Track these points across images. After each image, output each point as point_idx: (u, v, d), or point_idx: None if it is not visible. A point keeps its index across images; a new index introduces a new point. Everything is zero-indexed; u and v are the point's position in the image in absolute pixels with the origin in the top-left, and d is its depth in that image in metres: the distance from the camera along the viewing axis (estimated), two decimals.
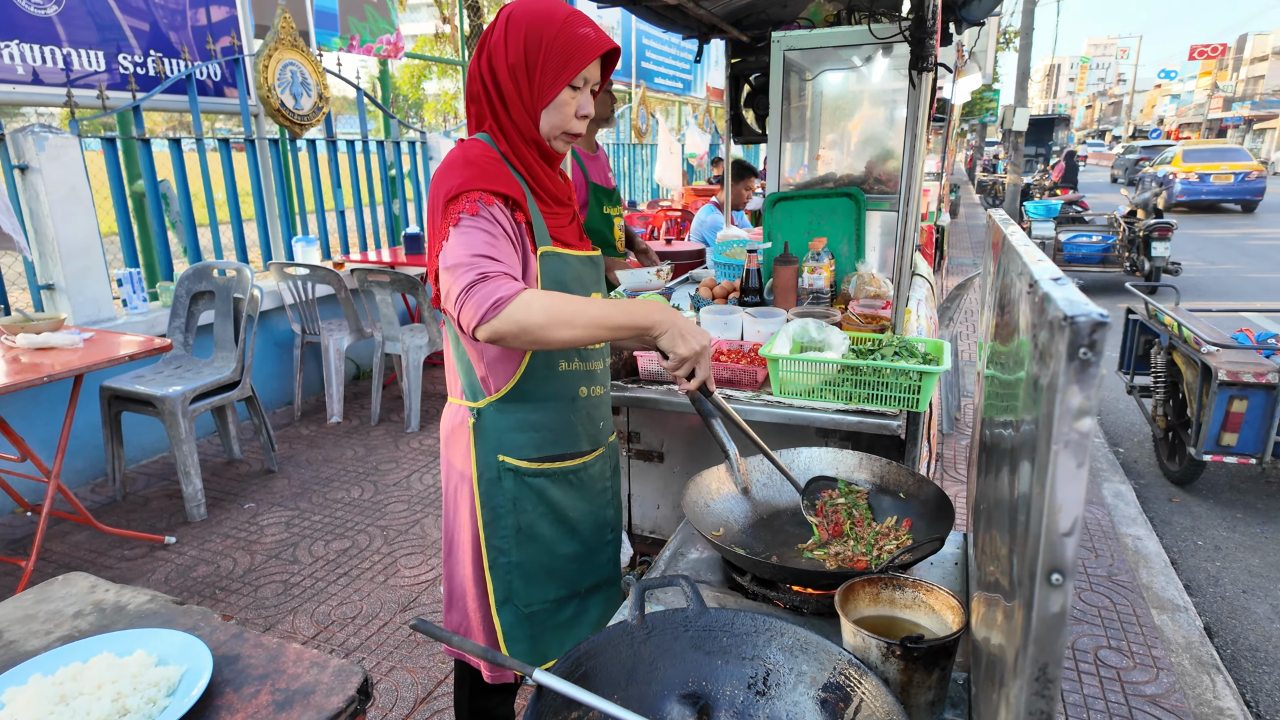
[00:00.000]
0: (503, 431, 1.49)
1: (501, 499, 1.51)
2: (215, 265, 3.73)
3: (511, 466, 1.50)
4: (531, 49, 1.33)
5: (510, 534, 1.52)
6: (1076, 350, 0.50)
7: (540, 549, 1.54)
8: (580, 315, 1.25)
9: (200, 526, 3.36)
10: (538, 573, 1.55)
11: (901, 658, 1.03)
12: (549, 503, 1.54)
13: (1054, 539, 0.53)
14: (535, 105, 1.36)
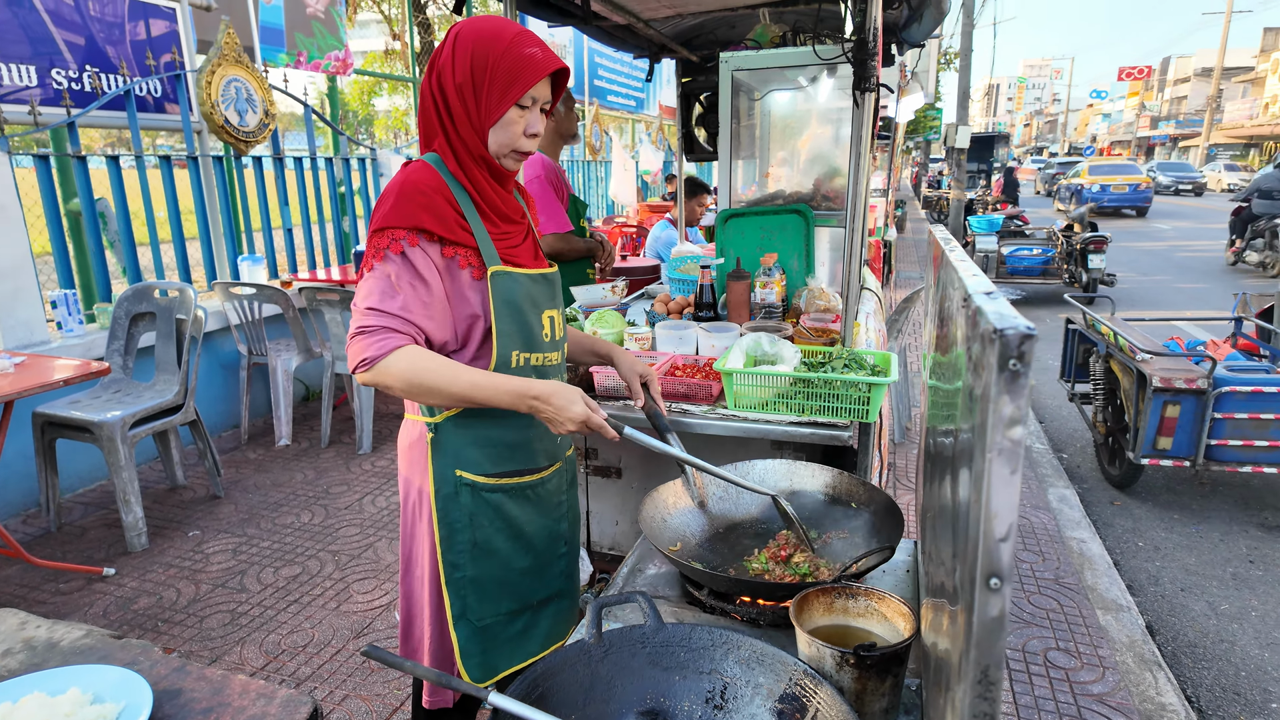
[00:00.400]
0: (460, 447, 1.49)
1: (458, 514, 1.50)
2: (156, 285, 3.62)
3: (469, 482, 1.49)
4: (478, 68, 1.34)
5: (466, 549, 1.51)
6: (1006, 361, 0.52)
7: (496, 563, 1.54)
8: (447, 387, 1.32)
9: (141, 556, 3.23)
10: (492, 586, 1.55)
11: (855, 666, 1.04)
12: (505, 518, 1.54)
13: (991, 544, 0.55)
14: (483, 124, 1.37)
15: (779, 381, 1.91)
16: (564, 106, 3.00)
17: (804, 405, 1.90)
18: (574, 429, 1.37)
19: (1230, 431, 3.68)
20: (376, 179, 6.18)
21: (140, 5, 4.64)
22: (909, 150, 28.91)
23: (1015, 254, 9.64)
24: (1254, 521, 3.86)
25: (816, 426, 1.86)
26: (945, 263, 0.96)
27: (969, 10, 15.31)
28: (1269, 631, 2.98)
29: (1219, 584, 3.31)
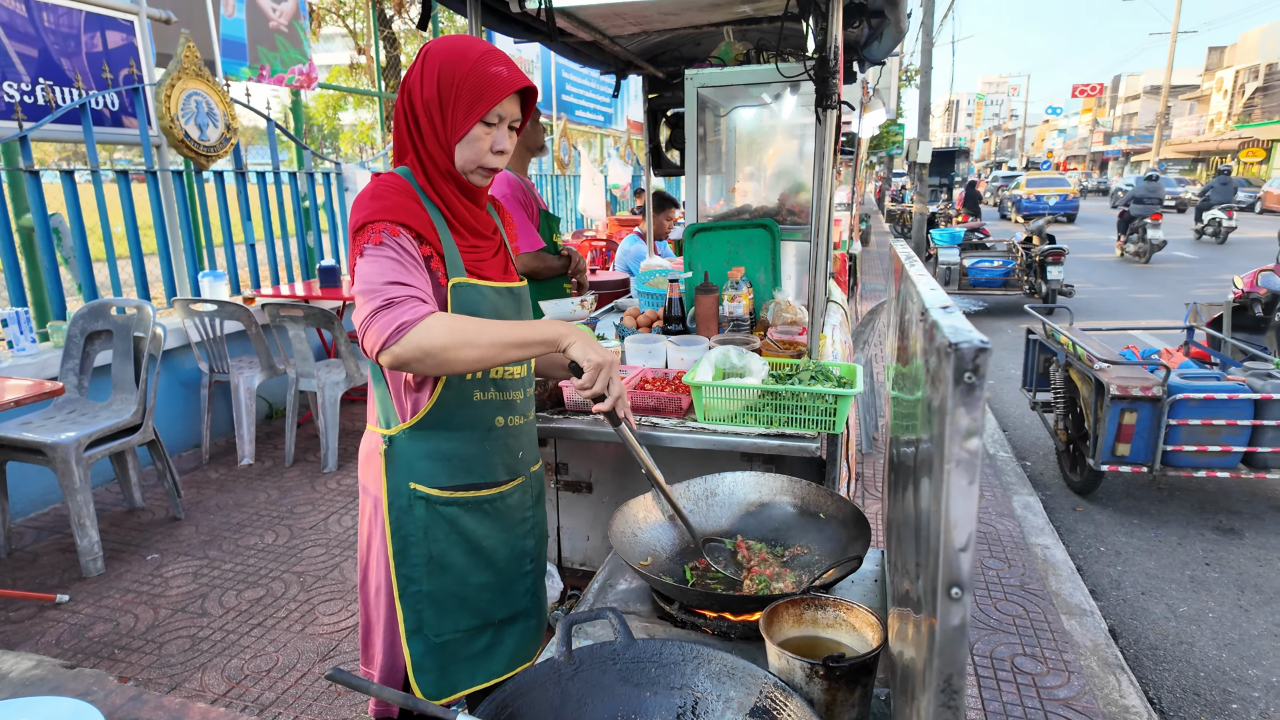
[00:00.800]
0: (414, 459, 1.48)
1: (412, 527, 1.49)
2: (113, 302, 3.53)
3: (423, 494, 1.48)
4: (445, 85, 1.36)
5: (421, 563, 1.50)
6: (962, 374, 0.53)
7: (452, 578, 1.52)
8: (483, 334, 1.28)
9: (97, 582, 3.13)
10: (449, 602, 1.53)
11: (825, 677, 1.05)
12: (461, 532, 1.52)
13: (951, 554, 0.56)
14: (449, 140, 1.39)
15: (747, 394, 1.93)
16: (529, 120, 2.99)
17: (772, 417, 1.92)
18: (602, 360, 1.35)
19: (1185, 437, 3.78)
20: (341, 193, 6.12)
21: (96, 17, 4.56)
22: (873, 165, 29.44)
23: (977, 266, 9.85)
24: (1209, 525, 3.96)
25: (785, 438, 1.87)
26: (905, 277, 0.98)
27: (928, 29, 15.68)
28: (1225, 632, 3.06)
29: (1178, 587, 3.40)
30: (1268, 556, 3.62)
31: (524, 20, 2.81)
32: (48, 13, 4.28)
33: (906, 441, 0.93)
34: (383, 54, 10.37)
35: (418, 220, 1.38)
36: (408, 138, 1.43)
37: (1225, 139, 37.27)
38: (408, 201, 1.38)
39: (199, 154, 4.59)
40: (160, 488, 4.03)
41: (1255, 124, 34.74)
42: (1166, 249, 15.32)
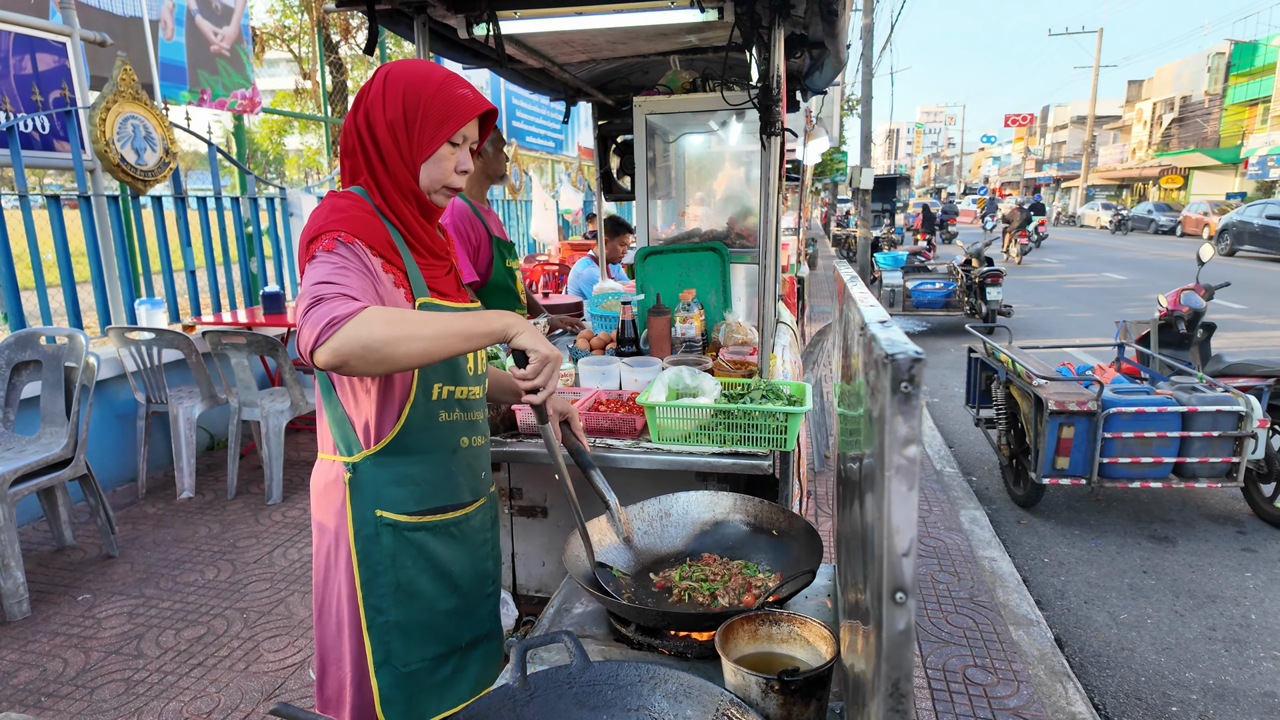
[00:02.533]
0: (380, 486, 1.44)
1: (379, 556, 1.45)
2: (42, 332, 3.39)
3: (390, 521, 1.45)
4: (410, 105, 1.37)
5: (389, 592, 1.46)
6: (899, 384, 0.55)
7: (420, 606, 1.49)
8: (427, 326, 1.20)
9: (22, 625, 2.96)
10: (417, 630, 1.50)
11: (780, 692, 1.05)
12: (429, 557, 1.49)
13: (895, 559, 0.57)
14: (415, 159, 1.40)
15: (700, 413, 1.94)
16: (492, 147, 2.97)
17: (725, 436, 1.94)
18: (550, 353, 1.30)
19: (1119, 450, 3.94)
20: (286, 219, 6.00)
21: (26, 39, 4.42)
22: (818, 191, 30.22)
23: (919, 288, 10.14)
24: (1145, 534, 4.12)
25: (738, 456, 1.89)
26: (847, 296, 1.01)
27: (868, 60, 16.24)
28: (1163, 637, 3.17)
29: (1118, 594, 3.51)
30: (1199, 563, 3.77)
31: (472, 47, 2.82)
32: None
33: (852, 456, 0.95)
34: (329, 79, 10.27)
35: (377, 237, 1.37)
36: (363, 159, 1.42)
37: (1146, 166, 39.32)
38: (366, 217, 1.37)
39: (136, 179, 4.46)
40: (93, 524, 3.85)
41: (1173, 152, 36.76)
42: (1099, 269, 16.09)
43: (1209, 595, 3.47)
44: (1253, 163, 29.00)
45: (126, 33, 5.86)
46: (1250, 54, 30.96)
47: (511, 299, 3.04)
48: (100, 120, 4.23)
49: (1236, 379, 4.32)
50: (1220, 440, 3.88)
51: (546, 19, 2.23)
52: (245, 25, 7.61)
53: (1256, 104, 30.22)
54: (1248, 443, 3.85)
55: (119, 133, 4.35)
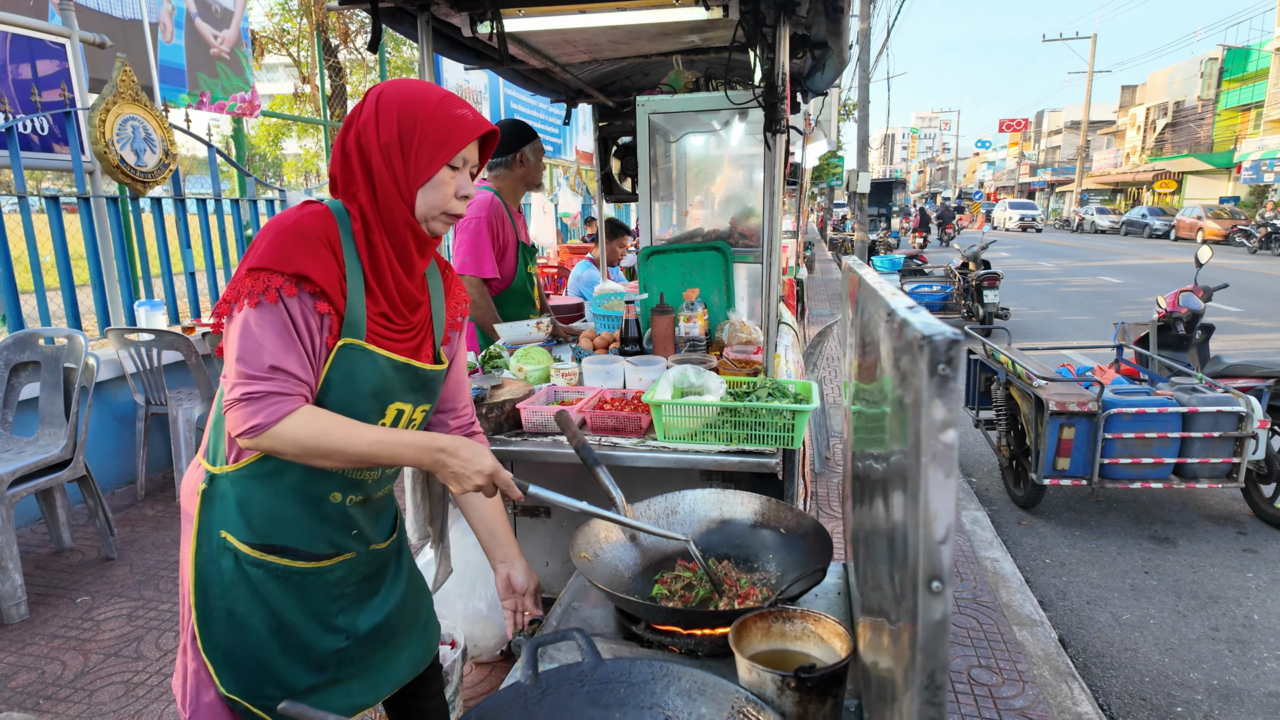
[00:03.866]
0: (230, 506, 1.33)
1: (216, 577, 1.34)
2: (41, 332, 3.37)
3: (230, 546, 1.33)
4: (406, 128, 1.27)
5: (222, 618, 1.35)
6: (936, 366, 0.54)
7: (252, 643, 1.37)
8: (348, 446, 1.22)
9: (20, 628, 2.94)
10: (247, 665, 1.37)
11: (796, 689, 1.04)
12: (264, 598, 1.36)
13: (931, 547, 0.56)
14: (411, 184, 1.28)
15: (707, 411, 1.93)
16: (534, 156, 2.98)
17: (731, 434, 1.93)
18: (482, 483, 1.32)
19: (1120, 450, 3.94)
20: None
21: (25, 40, 4.41)
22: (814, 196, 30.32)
23: (916, 291, 10.16)
24: (1145, 535, 4.11)
25: (744, 454, 1.89)
26: (863, 286, 1.00)
27: (864, 65, 16.30)
28: (1166, 638, 3.16)
29: (1120, 595, 3.51)
30: (1200, 564, 3.77)
31: (474, 47, 2.82)
32: None
33: (872, 454, 0.94)
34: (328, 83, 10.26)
35: (323, 273, 1.23)
36: (353, 181, 1.30)
37: (1140, 171, 39.49)
38: (319, 250, 1.24)
39: (135, 180, 4.44)
40: (91, 527, 3.82)
41: (1166, 157, 36.94)
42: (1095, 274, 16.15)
43: (1211, 596, 3.47)
44: (1246, 167, 29.15)
45: (125, 35, 5.85)
46: (1243, 59, 31.14)
47: (528, 305, 3.03)
48: (100, 121, 4.21)
49: (1236, 380, 4.32)
50: (1221, 441, 3.88)
51: (551, 17, 2.22)
52: (244, 28, 7.61)
53: (1249, 109, 30.39)
54: (1248, 443, 3.85)
55: (119, 134, 4.33)
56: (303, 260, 1.21)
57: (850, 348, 1.35)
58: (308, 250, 1.22)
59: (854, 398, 1.21)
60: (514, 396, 2.12)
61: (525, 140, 2.94)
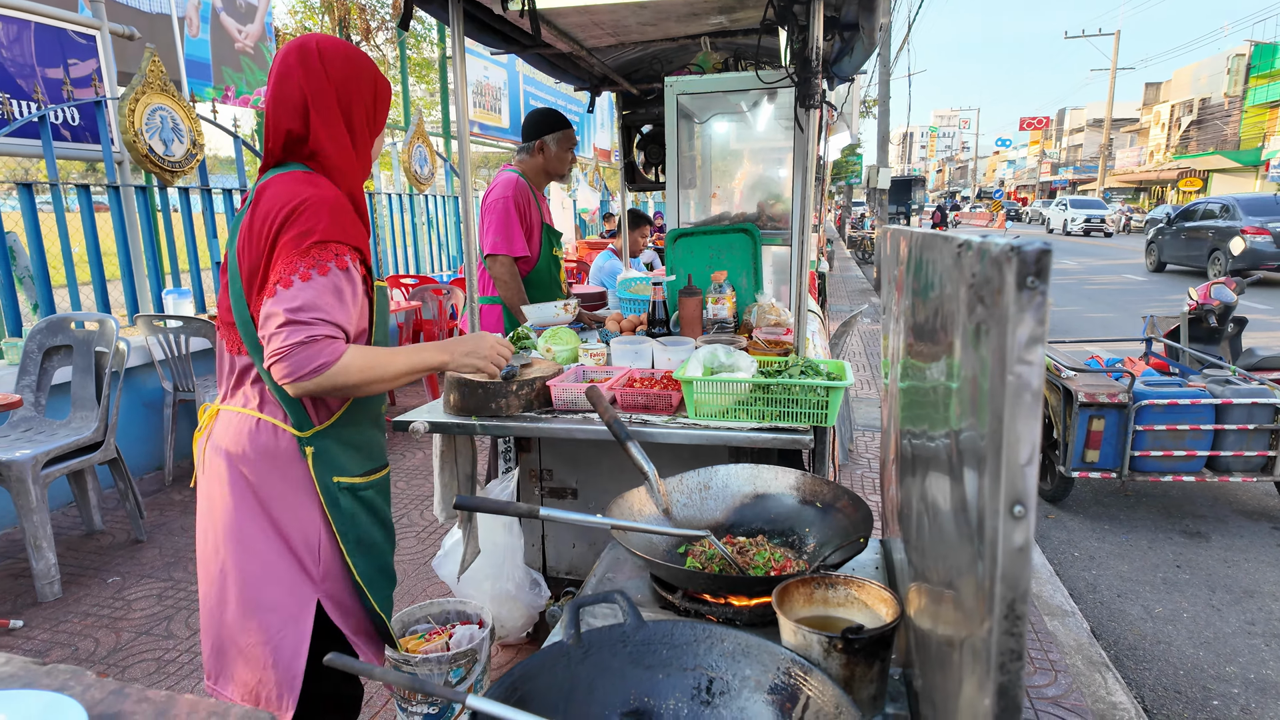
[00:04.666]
0: (334, 454, 1.55)
1: (339, 517, 1.55)
2: (74, 317, 3.41)
3: (346, 485, 1.57)
4: (380, 84, 1.57)
5: (354, 548, 1.58)
6: (1025, 279, 0.52)
7: (376, 554, 1.63)
8: (389, 369, 1.45)
9: (54, 606, 2.97)
10: (378, 578, 1.64)
11: (843, 651, 1.02)
12: (375, 512, 1.64)
13: (1014, 469, 0.55)
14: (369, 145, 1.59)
15: (739, 388, 1.92)
16: (555, 145, 3.06)
17: (764, 411, 1.91)
18: (497, 359, 1.66)
19: (1151, 443, 3.87)
20: None
21: (55, 31, 4.47)
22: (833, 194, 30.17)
23: None
24: (1177, 529, 4.04)
25: (778, 431, 1.87)
26: (917, 238, 0.98)
27: (885, 60, 16.18)
28: (1200, 631, 3.10)
29: (1151, 589, 3.44)
30: (1234, 558, 3.70)
31: (502, 29, 2.82)
32: (4, 26, 4.19)
33: (922, 431, 0.92)
34: None
35: (361, 238, 1.48)
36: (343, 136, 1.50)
37: (1164, 169, 38.90)
38: (355, 219, 1.47)
39: (164, 169, 4.49)
40: (120, 510, 3.86)
41: (1191, 155, 36.36)
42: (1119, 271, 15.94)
43: (1245, 590, 3.40)
44: (1274, 165, 28.64)
45: (153, 29, 5.92)
46: (1271, 55, 30.58)
47: (555, 288, 3.06)
48: (129, 111, 4.26)
49: (1271, 372, 4.24)
50: (1256, 434, 3.80)
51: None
52: (268, 24, 7.68)
53: (1277, 106, 29.85)
54: None
55: (148, 123, 4.37)
56: (355, 233, 1.45)
57: (896, 320, 1.32)
58: (351, 220, 1.45)
59: (902, 375, 1.19)
60: (544, 374, 2.11)
61: (547, 129, 3.07)
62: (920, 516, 0.94)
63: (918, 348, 1.00)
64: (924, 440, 0.93)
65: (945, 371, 0.79)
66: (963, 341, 0.69)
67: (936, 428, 0.85)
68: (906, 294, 1.15)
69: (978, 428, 0.62)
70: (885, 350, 1.47)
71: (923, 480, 0.93)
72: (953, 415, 0.76)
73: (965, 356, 0.69)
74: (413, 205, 7.48)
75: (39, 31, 4.37)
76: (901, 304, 1.15)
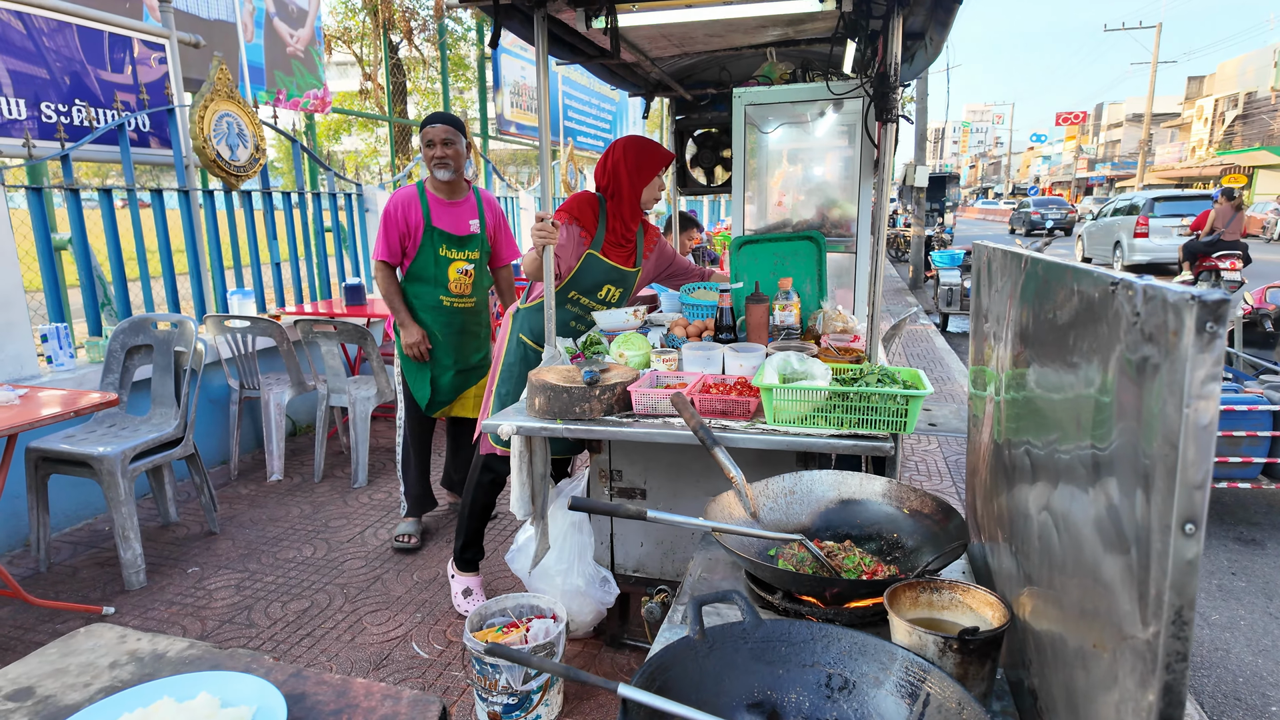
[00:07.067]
0: (522, 322, 2.87)
1: (513, 357, 2.86)
2: (154, 317, 3.56)
3: (522, 342, 2.86)
4: (633, 159, 2.83)
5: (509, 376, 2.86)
6: (1204, 324, 0.58)
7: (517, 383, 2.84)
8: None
9: (140, 594, 3.13)
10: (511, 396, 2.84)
11: (959, 651, 1.09)
12: (530, 361, 2.83)
13: (1188, 491, 0.61)
14: (636, 187, 2.85)
15: (817, 395, 1.98)
16: (424, 147, 3.29)
17: (842, 419, 1.97)
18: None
19: None
20: (363, 214, 6.18)
21: (127, 40, 4.64)
22: None
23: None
24: (1231, 536, 4.02)
25: (858, 438, 1.93)
26: (1045, 267, 1.03)
27: None
28: (1258, 639, 3.10)
29: (1207, 596, 3.44)
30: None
31: (570, 41, 2.90)
32: (83, 36, 4.36)
33: (1047, 443, 0.98)
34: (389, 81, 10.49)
35: (588, 219, 2.83)
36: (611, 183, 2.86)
37: (1207, 165, 37.99)
38: (586, 209, 2.84)
39: (230, 174, 4.65)
40: (193, 503, 4.03)
41: (1235, 151, 35.45)
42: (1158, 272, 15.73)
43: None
44: None
45: (210, 35, 6.10)
46: None
47: (438, 286, 3.37)
48: (199, 118, 4.41)
49: None
50: None
51: (662, 11, 2.28)
52: (318, 27, 7.86)
53: None
54: None
55: (215, 130, 4.53)
56: (581, 211, 2.77)
57: (1009, 334, 1.32)
58: (586, 208, 2.79)
59: (1009, 386, 1.24)
60: (624, 380, 2.19)
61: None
62: (1043, 526, 1.00)
63: (1037, 363, 1.06)
64: (1049, 452, 0.99)
65: (1088, 387, 0.85)
66: (1118, 371, 0.75)
67: (1069, 440, 0.91)
68: (1016, 309, 1.21)
69: (1138, 452, 0.69)
70: (983, 360, 1.50)
71: (1047, 490, 0.98)
72: (1094, 430, 0.81)
73: (1121, 385, 0.75)
74: None
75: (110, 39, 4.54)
76: (1010, 319, 1.20)
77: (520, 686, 2.25)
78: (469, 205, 3.41)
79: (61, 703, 0.99)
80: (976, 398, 1.55)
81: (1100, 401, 0.80)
